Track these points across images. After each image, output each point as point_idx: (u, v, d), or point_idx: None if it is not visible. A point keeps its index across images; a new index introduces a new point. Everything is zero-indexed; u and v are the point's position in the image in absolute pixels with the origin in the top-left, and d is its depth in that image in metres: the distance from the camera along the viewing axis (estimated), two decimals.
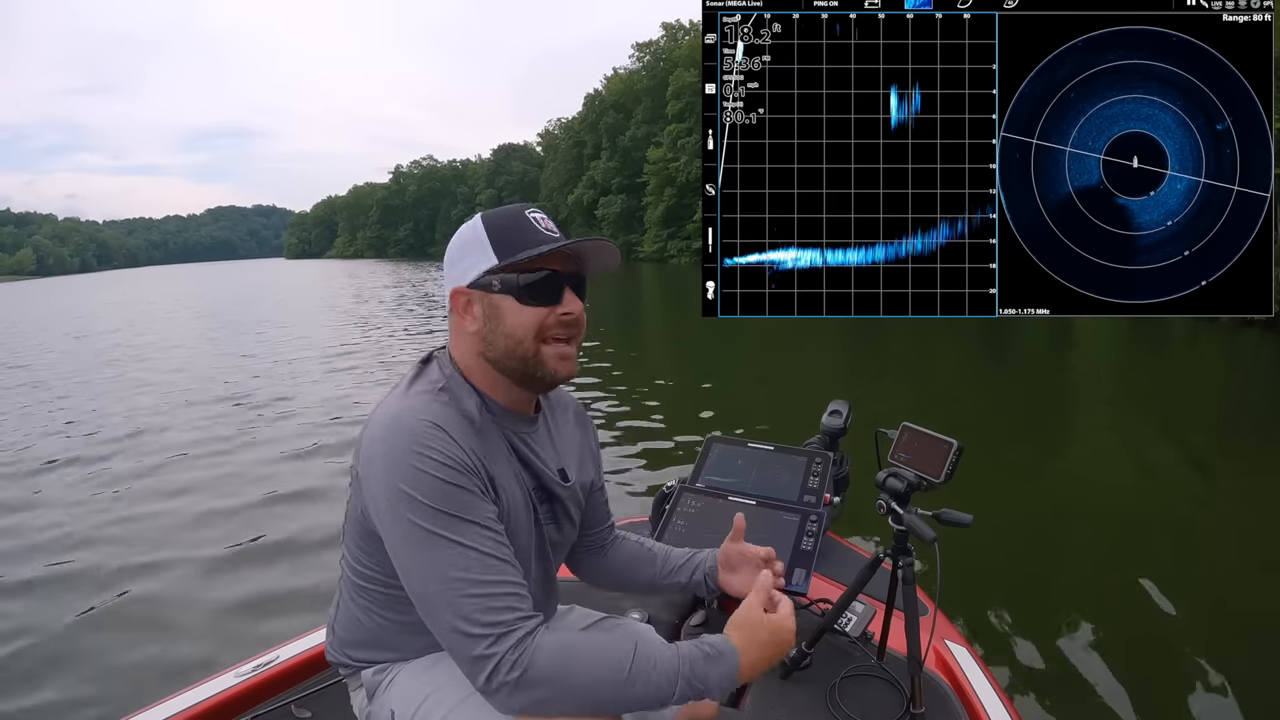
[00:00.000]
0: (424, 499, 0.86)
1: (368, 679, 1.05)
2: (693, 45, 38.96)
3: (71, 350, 12.32)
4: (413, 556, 0.87)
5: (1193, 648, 2.53)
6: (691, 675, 0.88)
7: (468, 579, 0.84)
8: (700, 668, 0.89)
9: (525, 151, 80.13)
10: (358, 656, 1.05)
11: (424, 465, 0.87)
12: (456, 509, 0.86)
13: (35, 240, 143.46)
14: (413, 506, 0.86)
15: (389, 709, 1.00)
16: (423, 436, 0.88)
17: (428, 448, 0.87)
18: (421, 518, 0.86)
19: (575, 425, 1.16)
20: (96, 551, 3.58)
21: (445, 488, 0.87)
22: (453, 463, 0.88)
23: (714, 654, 0.90)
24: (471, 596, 0.84)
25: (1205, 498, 4.11)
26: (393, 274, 38.21)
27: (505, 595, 0.85)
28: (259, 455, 5.18)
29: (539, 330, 0.95)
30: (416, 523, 0.86)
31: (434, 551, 0.85)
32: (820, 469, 1.86)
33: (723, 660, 0.90)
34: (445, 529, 0.86)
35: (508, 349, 0.96)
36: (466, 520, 0.87)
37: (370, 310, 17.58)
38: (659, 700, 0.87)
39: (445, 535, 0.85)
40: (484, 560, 0.86)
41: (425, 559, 0.86)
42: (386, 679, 1.02)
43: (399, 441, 0.88)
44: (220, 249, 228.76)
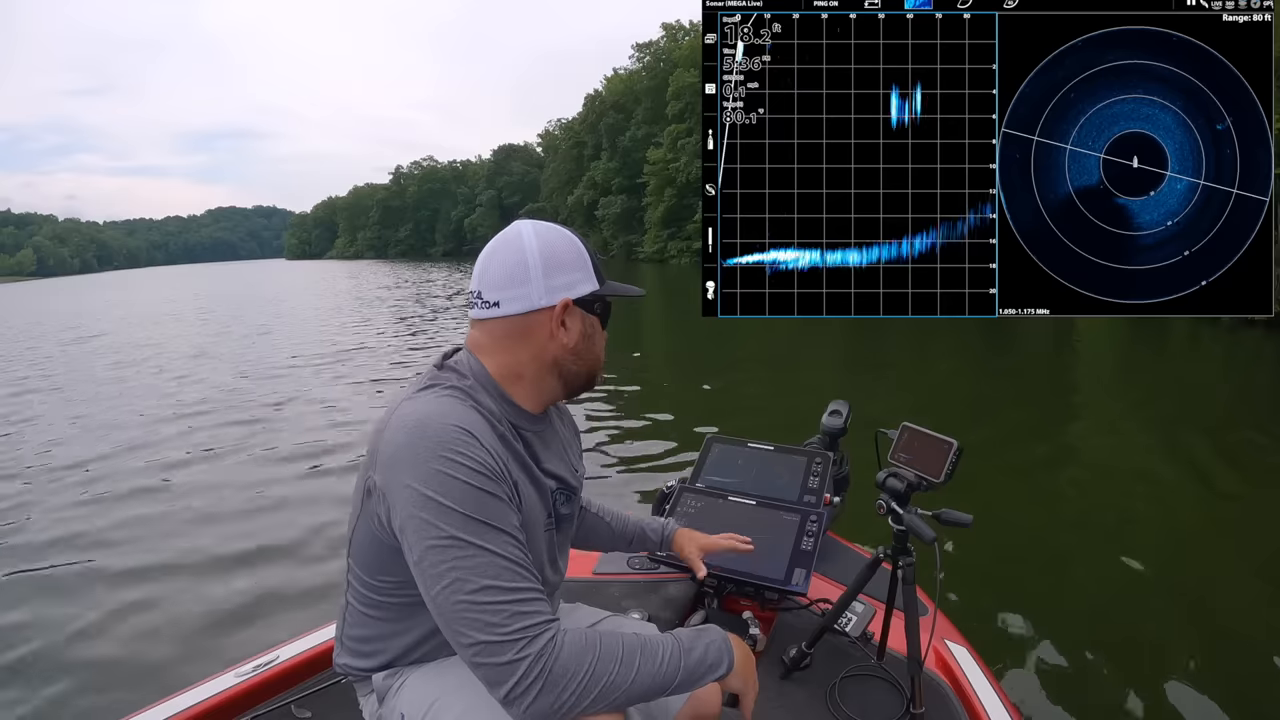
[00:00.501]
0: (455, 505, 0.84)
1: (378, 683, 1.04)
2: (693, 45, 38.95)
3: (98, 351, 12.31)
4: (435, 563, 0.84)
5: (1192, 648, 2.53)
6: (690, 648, 0.92)
7: (497, 586, 0.83)
8: (689, 640, 0.94)
9: (525, 152, 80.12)
10: (366, 664, 1.04)
11: (454, 471, 0.85)
12: (487, 516, 0.85)
13: (36, 241, 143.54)
14: (442, 513, 0.84)
15: (399, 712, 0.99)
16: (451, 441, 0.86)
17: (457, 453, 0.86)
18: (452, 524, 0.84)
19: (561, 417, 1.16)
20: (96, 551, 3.58)
21: (476, 494, 0.85)
22: (483, 469, 0.87)
23: (700, 629, 0.97)
24: (500, 605, 0.82)
25: (1206, 498, 4.11)
26: (393, 274, 38.24)
27: (532, 600, 0.84)
28: (275, 455, 5.19)
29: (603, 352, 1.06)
30: (443, 528, 0.84)
31: (463, 559, 0.83)
32: (820, 469, 1.86)
33: (709, 632, 0.96)
34: (476, 536, 0.84)
35: (591, 365, 1.04)
36: (497, 528, 0.85)
37: (397, 310, 17.47)
38: (666, 683, 0.89)
39: (476, 543, 0.84)
40: (513, 568, 0.85)
41: (449, 565, 0.83)
42: (397, 682, 1.01)
43: (426, 447, 0.86)
44: (221, 250, 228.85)
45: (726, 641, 0.97)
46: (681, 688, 0.91)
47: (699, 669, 0.92)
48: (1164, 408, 6.20)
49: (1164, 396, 6.59)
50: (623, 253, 46.07)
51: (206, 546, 3.59)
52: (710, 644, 0.95)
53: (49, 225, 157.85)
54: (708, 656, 0.93)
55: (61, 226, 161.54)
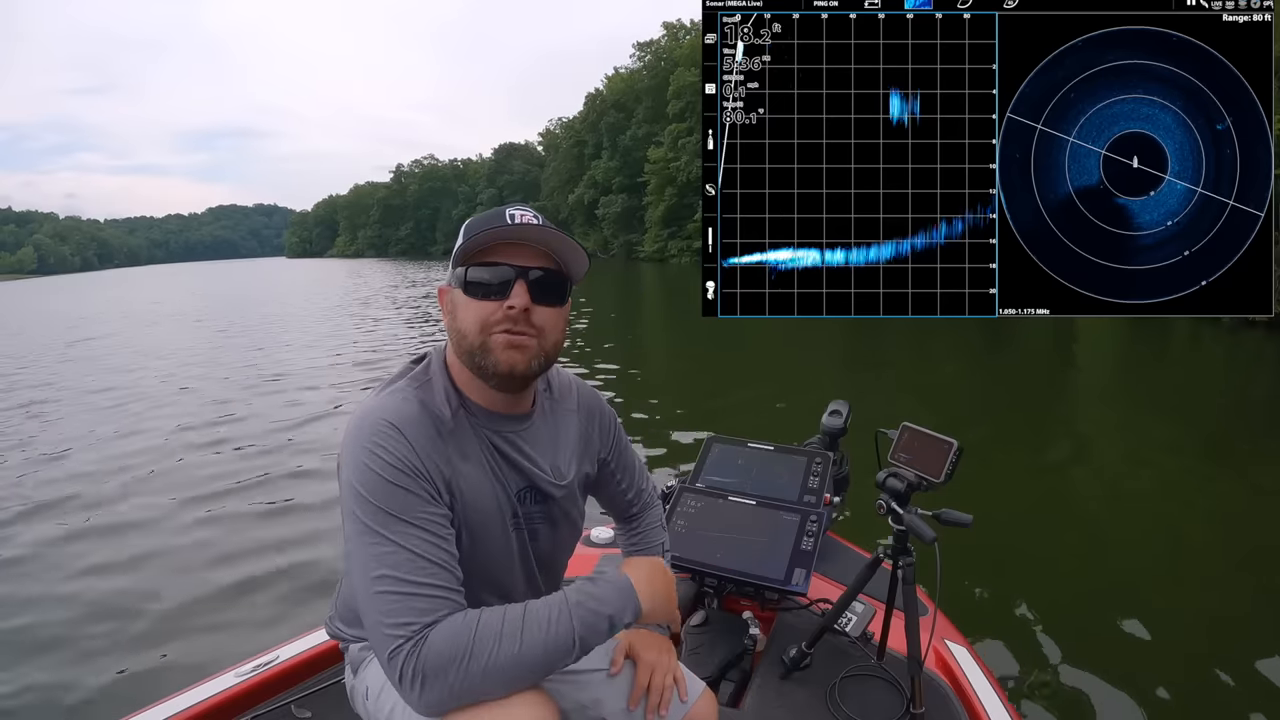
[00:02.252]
0: (368, 495, 0.88)
1: (354, 654, 1.09)
2: (694, 45, 38.91)
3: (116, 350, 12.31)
4: (352, 550, 0.89)
5: (1192, 647, 2.53)
6: (580, 601, 0.89)
7: (394, 577, 0.85)
8: (586, 590, 0.91)
9: (526, 151, 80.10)
10: (346, 632, 1.10)
11: (372, 463, 0.89)
12: (395, 508, 0.88)
13: (36, 239, 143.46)
14: (358, 501, 0.88)
15: (365, 685, 1.04)
16: (375, 435, 0.90)
17: (378, 445, 0.90)
18: (364, 513, 0.88)
19: (579, 415, 1.13)
20: (97, 552, 3.58)
21: (387, 486, 0.88)
22: (398, 463, 0.89)
23: (597, 576, 0.95)
24: (394, 595, 0.85)
25: (1206, 499, 4.11)
26: (397, 273, 38.22)
27: (429, 597, 0.85)
28: (275, 452, 5.19)
29: (483, 325, 0.93)
30: (359, 517, 0.88)
31: (369, 547, 0.87)
32: (820, 469, 1.86)
33: (605, 578, 0.94)
34: (382, 526, 0.87)
35: (459, 343, 0.96)
36: (403, 520, 0.88)
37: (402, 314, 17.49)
38: (565, 646, 0.87)
39: (381, 532, 0.87)
40: (414, 560, 0.86)
41: (361, 553, 0.87)
42: (368, 656, 1.06)
43: (356, 439, 0.91)
44: (221, 248, 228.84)
45: (624, 583, 0.94)
46: (588, 642, 0.89)
47: (595, 620, 0.89)
48: (1165, 409, 6.20)
49: (1165, 397, 6.59)
50: (623, 252, 46.06)
51: (208, 546, 3.60)
52: (605, 595, 0.91)
53: (50, 223, 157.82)
54: (602, 606, 0.90)
55: (62, 224, 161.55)
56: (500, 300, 0.93)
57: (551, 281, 0.97)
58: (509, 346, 0.94)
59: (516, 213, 0.95)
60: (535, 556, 1.06)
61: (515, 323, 0.93)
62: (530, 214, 0.96)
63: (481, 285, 0.94)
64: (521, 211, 0.96)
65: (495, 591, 1.01)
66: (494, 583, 1.01)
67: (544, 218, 0.98)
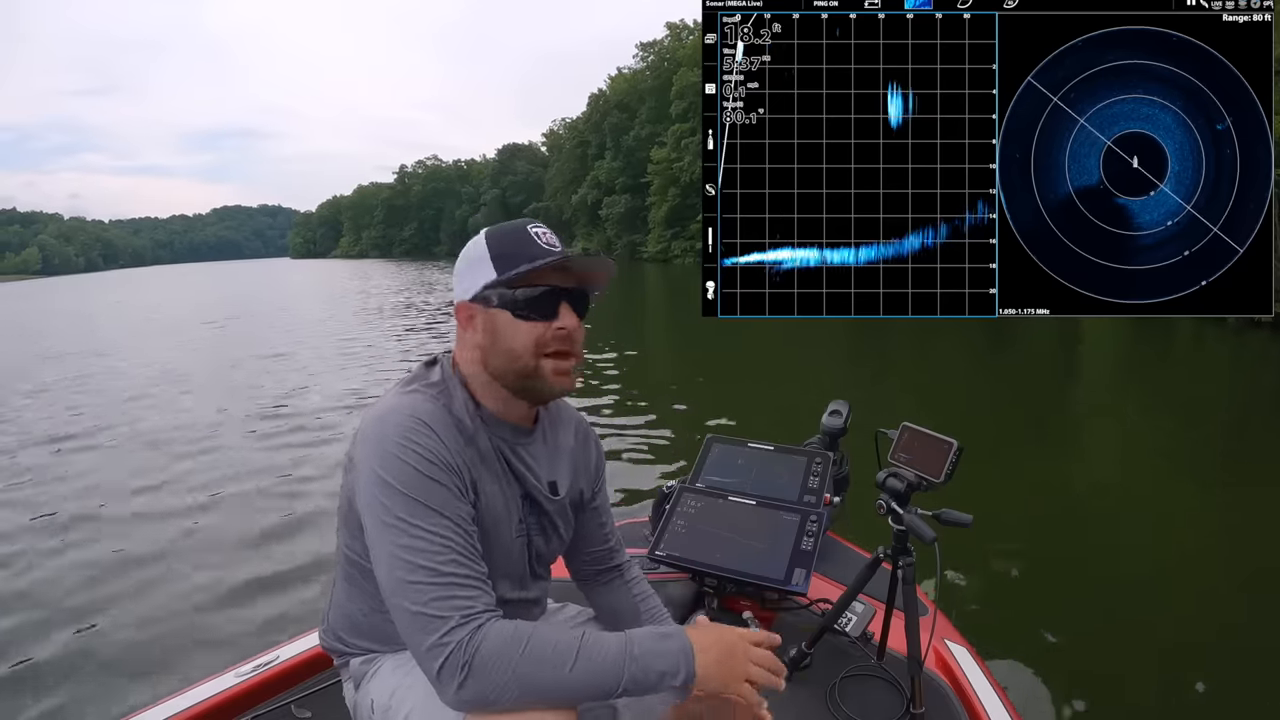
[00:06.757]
0: (400, 487, 0.89)
1: (355, 668, 1.07)
2: (696, 45, 38.88)
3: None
4: (382, 541, 0.89)
5: (1192, 647, 2.53)
6: (641, 654, 0.87)
7: (431, 567, 0.86)
8: (648, 644, 0.88)
9: (530, 151, 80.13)
10: (346, 644, 1.08)
11: (405, 456, 0.90)
12: (429, 500, 0.89)
13: (41, 240, 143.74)
14: (388, 492, 0.89)
15: (370, 698, 1.02)
16: (409, 430, 0.91)
17: (412, 441, 0.91)
18: (395, 504, 0.88)
19: (576, 440, 1.16)
20: (96, 552, 3.59)
21: (422, 479, 0.89)
22: (434, 458, 0.91)
23: (665, 633, 0.91)
24: (431, 585, 0.85)
25: (1207, 499, 4.10)
26: (400, 273, 38.26)
27: (466, 586, 0.87)
28: (274, 455, 5.21)
29: (537, 346, 0.97)
30: (390, 508, 0.88)
31: (402, 537, 0.87)
32: (820, 469, 1.86)
33: (672, 639, 0.89)
34: (416, 517, 0.88)
35: (507, 363, 0.98)
36: (437, 512, 0.89)
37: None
38: (609, 686, 0.86)
39: (415, 523, 0.88)
40: (449, 551, 0.88)
41: (393, 544, 0.88)
42: (372, 669, 1.04)
43: (386, 432, 0.91)
44: (226, 248, 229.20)
45: (685, 651, 0.88)
46: (630, 693, 0.88)
47: (647, 677, 0.87)
48: (1167, 409, 6.18)
49: (1167, 398, 6.57)
50: (626, 252, 46.06)
51: (209, 545, 3.61)
52: (666, 652, 0.88)
53: (54, 224, 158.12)
54: (658, 664, 0.87)
55: (66, 225, 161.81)
56: (550, 322, 0.98)
57: (585, 299, 1.03)
58: (558, 373, 0.99)
59: (541, 232, 1.00)
60: (529, 563, 1.08)
61: (563, 342, 0.98)
62: (549, 233, 1.01)
63: (534, 307, 0.97)
64: (543, 230, 1.01)
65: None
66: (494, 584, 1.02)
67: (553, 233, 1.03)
